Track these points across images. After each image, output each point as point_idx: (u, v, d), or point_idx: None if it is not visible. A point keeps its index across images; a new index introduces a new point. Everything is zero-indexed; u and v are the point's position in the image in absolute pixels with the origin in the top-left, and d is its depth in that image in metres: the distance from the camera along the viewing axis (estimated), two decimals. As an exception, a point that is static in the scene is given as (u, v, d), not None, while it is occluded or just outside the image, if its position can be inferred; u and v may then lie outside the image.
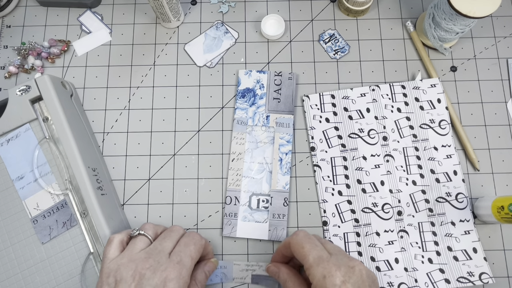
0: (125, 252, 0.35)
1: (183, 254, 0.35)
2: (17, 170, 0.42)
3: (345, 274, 0.33)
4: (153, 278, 0.33)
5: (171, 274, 0.33)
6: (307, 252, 0.35)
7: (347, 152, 0.46)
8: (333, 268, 0.34)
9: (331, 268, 0.34)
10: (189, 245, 0.37)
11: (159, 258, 0.34)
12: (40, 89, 0.42)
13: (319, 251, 0.35)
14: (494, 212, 0.41)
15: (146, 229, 0.38)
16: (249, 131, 0.47)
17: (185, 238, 0.38)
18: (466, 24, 0.45)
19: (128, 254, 0.35)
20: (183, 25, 0.52)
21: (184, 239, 0.37)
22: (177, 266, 0.34)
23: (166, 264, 0.34)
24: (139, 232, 0.37)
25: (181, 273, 0.34)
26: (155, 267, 0.33)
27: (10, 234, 0.41)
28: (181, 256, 0.35)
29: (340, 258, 0.35)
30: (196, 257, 0.37)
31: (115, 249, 0.36)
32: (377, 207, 0.45)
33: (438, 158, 0.46)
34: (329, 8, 0.52)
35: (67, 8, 0.52)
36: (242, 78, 0.49)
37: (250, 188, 0.45)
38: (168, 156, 0.47)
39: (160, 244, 0.36)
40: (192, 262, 0.36)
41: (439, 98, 0.48)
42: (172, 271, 0.33)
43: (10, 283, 0.40)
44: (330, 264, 0.34)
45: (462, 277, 0.43)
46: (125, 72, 0.50)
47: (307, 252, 0.35)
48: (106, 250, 0.36)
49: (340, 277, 0.33)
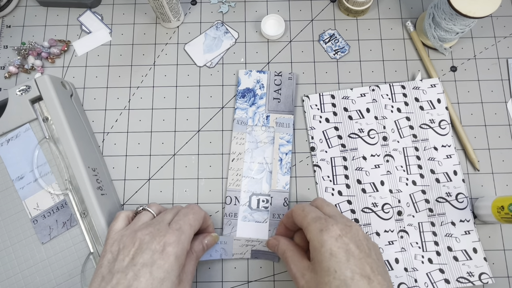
0: (130, 225, 0.37)
1: (182, 222, 0.37)
2: (17, 170, 0.42)
3: (342, 229, 0.34)
4: (152, 242, 0.34)
5: (170, 239, 0.34)
6: (307, 213, 0.37)
7: (347, 152, 0.46)
8: (330, 223, 0.35)
9: (328, 223, 0.35)
10: (188, 214, 0.38)
11: (159, 226, 0.36)
12: (40, 89, 0.42)
13: (318, 213, 0.37)
14: (494, 212, 0.41)
15: (151, 206, 0.40)
16: (249, 131, 0.47)
17: (184, 209, 0.39)
18: (466, 24, 0.45)
19: (131, 226, 0.37)
20: (183, 25, 0.52)
21: (183, 210, 0.39)
22: (176, 232, 0.35)
23: (165, 231, 0.35)
24: (143, 208, 0.39)
25: (180, 239, 0.35)
26: (155, 234, 0.35)
27: (10, 234, 0.41)
28: (180, 224, 0.36)
29: (338, 218, 0.36)
30: (195, 225, 0.38)
31: (121, 223, 0.38)
32: (377, 207, 0.45)
33: (438, 158, 0.46)
34: (329, 8, 0.52)
35: (67, 8, 0.52)
36: (242, 78, 0.49)
37: (250, 188, 0.45)
38: (168, 156, 0.47)
39: (160, 216, 0.38)
40: (191, 229, 0.37)
41: (439, 98, 0.48)
42: (171, 236, 0.35)
43: (10, 283, 0.40)
44: (328, 220, 0.35)
45: (462, 277, 0.43)
46: (125, 72, 0.50)
47: (306, 213, 0.37)
48: (112, 223, 0.38)
49: (337, 231, 0.34)
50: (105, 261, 0.34)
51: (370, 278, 0.32)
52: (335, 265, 0.32)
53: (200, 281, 0.43)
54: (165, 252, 0.34)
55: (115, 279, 0.32)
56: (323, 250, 0.33)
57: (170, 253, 0.34)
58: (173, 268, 0.34)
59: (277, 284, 0.44)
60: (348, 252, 0.33)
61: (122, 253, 0.34)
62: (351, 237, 0.34)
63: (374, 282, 0.32)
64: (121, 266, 0.33)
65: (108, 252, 0.35)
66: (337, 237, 0.34)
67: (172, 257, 0.34)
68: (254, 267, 0.44)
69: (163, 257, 0.33)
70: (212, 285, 0.43)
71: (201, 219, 0.39)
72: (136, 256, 0.33)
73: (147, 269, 0.33)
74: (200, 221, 0.39)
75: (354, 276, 0.32)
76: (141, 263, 0.33)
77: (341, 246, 0.33)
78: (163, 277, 0.33)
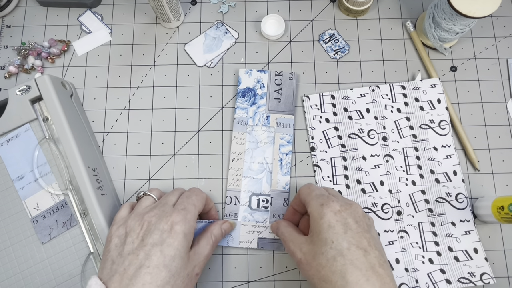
0: (133, 211, 0.38)
1: (186, 203, 0.38)
2: (17, 170, 0.42)
3: (342, 205, 0.36)
4: (160, 223, 0.35)
5: (177, 218, 0.35)
6: (312, 190, 0.38)
7: (347, 153, 0.46)
8: (331, 199, 0.36)
9: (330, 199, 0.36)
10: (190, 196, 0.39)
11: (164, 208, 0.37)
12: (40, 89, 0.42)
13: (322, 191, 0.39)
14: (494, 212, 0.41)
15: (151, 190, 0.41)
16: (249, 131, 0.47)
17: (186, 192, 0.40)
18: (466, 24, 0.45)
19: (135, 211, 0.38)
20: (183, 25, 0.52)
21: (186, 193, 0.40)
22: (182, 212, 0.36)
23: (171, 211, 0.36)
24: (144, 193, 0.40)
25: (186, 217, 0.36)
26: (161, 215, 0.36)
27: (10, 234, 0.41)
28: (185, 204, 0.38)
29: (341, 198, 0.38)
30: (198, 205, 0.39)
31: (124, 210, 0.39)
32: (376, 207, 0.45)
33: (438, 158, 0.46)
34: (329, 8, 0.52)
35: (67, 8, 0.52)
36: (243, 77, 0.49)
37: (250, 188, 0.45)
38: (168, 156, 0.47)
39: (164, 199, 0.39)
40: (195, 209, 0.38)
41: (439, 98, 0.48)
42: (177, 216, 0.36)
43: (10, 283, 0.40)
44: (330, 197, 0.37)
45: (463, 277, 0.43)
46: (125, 72, 0.50)
47: (311, 190, 0.38)
48: (117, 213, 0.39)
49: (336, 207, 0.35)
50: (112, 246, 0.35)
51: (367, 251, 0.33)
52: (332, 236, 0.33)
53: (200, 281, 0.43)
54: (173, 230, 0.35)
55: (127, 261, 0.33)
56: (322, 222, 0.34)
57: (179, 231, 0.35)
58: (182, 245, 0.35)
59: (277, 284, 0.44)
60: (346, 226, 0.34)
61: (130, 235, 0.35)
62: (350, 213, 0.35)
63: (370, 255, 0.33)
64: (131, 248, 0.34)
65: (115, 237, 0.36)
66: (337, 211, 0.35)
67: (181, 235, 0.35)
68: (254, 267, 0.44)
69: (172, 236, 0.34)
70: (212, 285, 0.43)
71: (203, 200, 0.40)
72: (145, 237, 0.34)
73: (157, 248, 0.34)
74: (203, 202, 0.40)
75: (351, 247, 0.33)
76: (151, 243, 0.34)
77: (340, 219, 0.34)
78: (173, 254, 0.34)
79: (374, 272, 0.32)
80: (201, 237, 0.39)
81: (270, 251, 0.44)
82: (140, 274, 0.32)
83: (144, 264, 0.33)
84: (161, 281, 0.32)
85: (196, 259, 0.37)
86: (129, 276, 0.32)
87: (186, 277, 0.35)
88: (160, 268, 0.33)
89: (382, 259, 0.33)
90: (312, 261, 0.34)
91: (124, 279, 0.32)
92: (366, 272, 0.32)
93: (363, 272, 0.32)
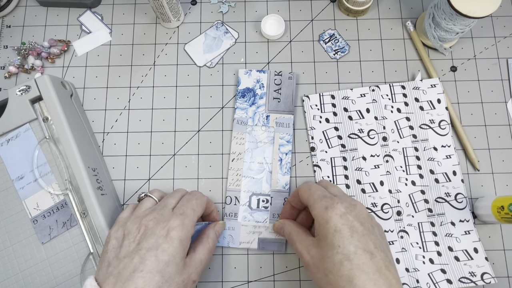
0: (133, 212, 0.38)
1: (185, 208, 0.38)
2: (17, 170, 0.42)
3: (347, 207, 0.35)
4: (157, 227, 0.35)
5: (174, 223, 0.35)
6: (313, 191, 0.38)
7: (347, 153, 0.46)
8: (335, 201, 0.36)
9: (334, 201, 0.36)
10: (191, 200, 0.39)
11: (163, 212, 0.37)
12: (40, 89, 0.42)
13: (323, 191, 0.38)
14: (494, 212, 0.41)
15: (153, 192, 0.41)
16: (249, 131, 0.47)
17: (187, 195, 0.40)
18: (466, 24, 0.45)
19: (135, 213, 0.38)
20: (183, 25, 0.52)
21: (186, 196, 0.40)
22: (180, 217, 0.36)
23: (169, 216, 0.36)
24: (145, 194, 0.40)
25: (184, 223, 0.36)
26: (159, 219, 0.36)
27: (10, 234, 0.41)
28: (183, 209, 0.37)
29: (343, 198, 0.37)
30: (198, 210, 0.39)
31: (128, 211, 0.39)
32: (376, 207, 0.45)
33: (438, 159, 0.46)
34: (329, 8, 0.52)
35: (67, 8, 0.52)
36: (242, 78, 0.49)
37: (250, 188, 0.45)
38: (168, 156, 0.47)
39: (163, 201, 0.39)
40: (194, 214, 0.38)
41: (439, 98, 0.48)
42: (174, 221, 0.36)
43: (10, 283, 0.40)
44: (333, 199, 0.36)
45: (464, 277, 0.43)
46: (125, 72, 0.50)
47: (312, 192, 0.38)
48: (121, 213, 0.39)
49: (341, 209, 0.35)
50: (110, 247, 0.36)
51: (373, 254, 0.33)
52: (339, 240, 0.33)
53: (200, 281, 0.43)
54: (169, 236, 0.35)
55: (122, 264, 0.34)
56: (328, 227, 0.34)
57: (174, 237, 0.35)
58: (177, 251, 0.35)
59: (277, 284, 0.43)
60: (352, 229, 0.34)
61: (127, 239, 0.35)
62: (355, 215, 0.35)
63: (376, 258, 0.33)
64: (127, 251, 0.34)
65: (113, 238, 0.36)
66: (342, 214, 0.35)
67: (176, 241, 0.35)
68: (254, 267, 0.44)
69: (168, 241, 0.34)
70: (212, 285, 0.43)
71: (204, 204, 0.40)
72: (141, 241, 0.35)
73: (152, 253, 0.34)
74: (203, 206, 0.40)
75: (357, 251, 0.33)
76: (146, 248, 0.34)
77: (345, 223, 0.34)
78: (167, 260, 0.34)
79: (381, 275, 0.32)
80: (197, 243, 0.39)
81: (270, 251, 0.44)
82: (133, 278, 0.32)
83: (138, 268, 0.33)
84: (153, 286, 0.33)
85: (193, 265, 0.37)
86: (123, 279, 0.33)
87: (181, 284, 0.35)
88: (153, 273, 0.33)
89: (387, 260, 0.33)
90: (319, 265, 0.34)
91: (118, 282, 0.32)
92: (373, 275, 0.32)
93: (370, 276, 0.32)
